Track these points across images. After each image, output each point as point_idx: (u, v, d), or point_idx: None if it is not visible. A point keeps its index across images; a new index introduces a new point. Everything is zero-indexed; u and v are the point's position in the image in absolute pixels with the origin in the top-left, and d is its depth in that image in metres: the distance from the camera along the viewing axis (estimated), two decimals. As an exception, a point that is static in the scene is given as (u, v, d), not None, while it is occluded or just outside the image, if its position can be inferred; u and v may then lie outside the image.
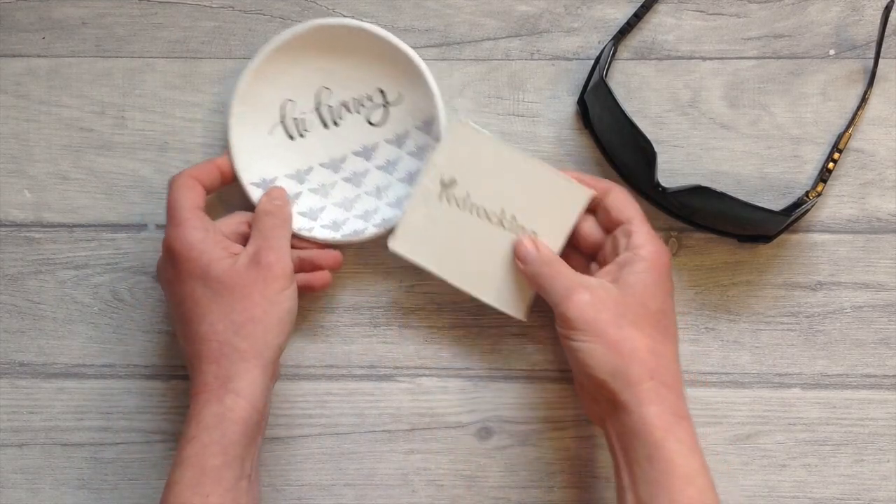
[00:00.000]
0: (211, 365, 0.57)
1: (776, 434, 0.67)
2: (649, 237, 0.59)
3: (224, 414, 0.56)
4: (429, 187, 0.62)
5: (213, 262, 0.59)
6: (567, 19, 0.68)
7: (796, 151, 0.67)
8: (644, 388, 0.56)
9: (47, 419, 0.67)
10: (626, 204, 0.60)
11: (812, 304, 0.67)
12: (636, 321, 0.57)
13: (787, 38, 0.67)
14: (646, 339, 0.56)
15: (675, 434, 0.55)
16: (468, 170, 0.62)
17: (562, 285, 0.58)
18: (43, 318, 0.68)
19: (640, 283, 0.57)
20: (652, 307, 0.57)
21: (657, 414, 0.55)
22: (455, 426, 0.67)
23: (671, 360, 0.57)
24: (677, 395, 0.56)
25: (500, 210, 0.62)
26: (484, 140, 0.62)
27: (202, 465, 0.55)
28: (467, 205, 0.62)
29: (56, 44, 0.68)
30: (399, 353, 0.67)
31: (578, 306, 0.57)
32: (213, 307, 0.58)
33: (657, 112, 0.67)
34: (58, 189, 0.68)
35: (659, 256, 0.58)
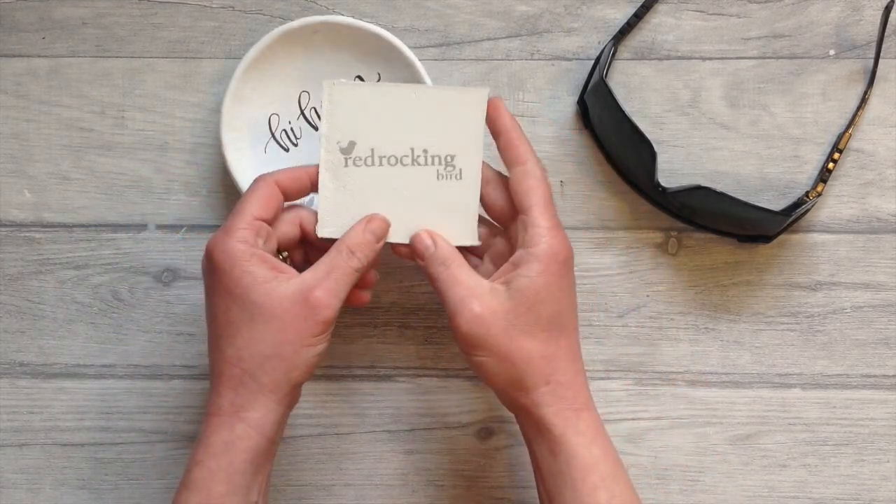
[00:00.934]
0: (229, 391, 0.55)
1: (776, 434, 0.67)
2: (547, 231, 0.56)
3: (233, 442, 0.55)
4: (330, 160, 0.58)
5: (255, 285, 0.55)
6: (567, 19, 0.68)
7: (796, 151, 0.67)
8: (540, 392, 0.56)
9: (47, 419, 0.67)
10: (530, 189, 0.57)
11: (812, 304, 0.67)
12: (528, 329, 0.55)
13: (787, 38, 0.67)
14: (539, 344, 0.56)
15: (575, 427, 0.56)
16: (361, 126, 0.58)
17: (454, 295, 0.56)
18: (43, 318, 0.68)
19: (531, 289, 0.55)
20: (545, 312, 0.56)
21: (555, 412, 0.56)
22: (455, 426, 0.67)
23: (567, 358, 0.57)
24: (576, 390, 0.57)
25: (411, 150, 0.59)
26: (361, 90, 0.59)
27: (208, 490, 0.55)
28: (375, 160, 0.59)
29: (56, 44, 0.68)
30: (399, 353, 0.67)
31: (469, 322, 0.55)
32: (243, 332, 0.55)
33: (657, 112, 0.67)
34: (58, 189, 0.68)
35: (554, 255, 0.56)
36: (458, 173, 0.59)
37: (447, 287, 0.56)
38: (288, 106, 0.67)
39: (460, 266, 0.57)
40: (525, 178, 0.57)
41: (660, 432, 0.67)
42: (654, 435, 0.67)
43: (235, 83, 0.64)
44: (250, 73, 0.65)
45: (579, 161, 0.67)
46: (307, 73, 0.66)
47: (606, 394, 0.67)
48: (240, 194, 0.64)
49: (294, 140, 0.67)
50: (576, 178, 0.67)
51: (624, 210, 0.67)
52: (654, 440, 0.67)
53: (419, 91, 0.59)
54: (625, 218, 0.67)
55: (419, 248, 0.58)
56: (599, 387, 0.67)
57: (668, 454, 0.67)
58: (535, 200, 0.56)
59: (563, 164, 0.67)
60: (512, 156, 0.58)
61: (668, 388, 0.67)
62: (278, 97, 0.66)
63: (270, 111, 0.66)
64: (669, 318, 0.67)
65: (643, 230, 0.67)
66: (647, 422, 0.67)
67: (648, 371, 0.67)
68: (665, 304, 0.67)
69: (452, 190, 0.59)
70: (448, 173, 0.59)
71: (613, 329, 0.67)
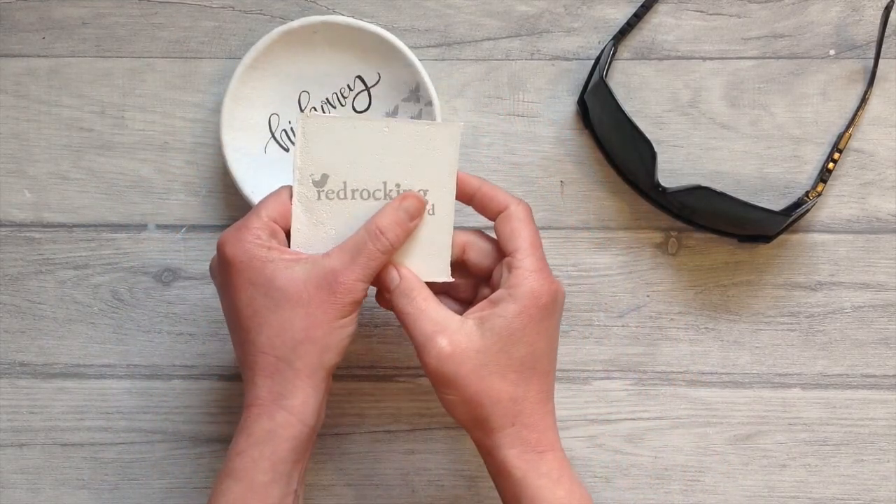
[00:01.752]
0: (266, 379, 0.55)
1: (776, 434, 0.67)
2: (530, 274, 0.55)
3: (275, 430, 0.55)
4: (303, 193, 0.57)
5: (278, 272, 0.54)
6: (567, 19, 0.67)
7: (796, 151, 0.67)
8: (504, 434, 0.55)
9: (47, 419, 0.67)
10: (514, 232, 0.56)
11: (812, 304, 0.67)
12: (498, 370, 0.54)
13: (787, 38, 0.67)
14: (508, 386, 0.55)
15: (537, 469, 0.55)
16: (334, 160, 0.57)
17: (422, 330, 0.55)
18: (43, 318, 0.68)
19: (505, 330, 0.54)
20: (517, 353, 0.55)
21: (517, 455, 0.55)
22: (455, 426, 0.67)
23: (536, 401, 0.56)
24: (541, 432, 0.56)
25: (383, 184, 0.58)
26: (335, 124, 0.58)
27: (251, 479, 0.54)
28: (348, 193, 0.58)
29: (56, 44, 0.68)
30: (399, 353, 0.67)
31: (437, 358, 0.54)
32: (272, 319, 0.55)
33: (657, 112, 0.67)
34: (58, 189, 0.68)
35: (535, 297, 0.55)
36: (430, 208, 0.58)
37: (414, 320, 0.55)
38: (288, 106, 0.67)
39: (427, 299, 0.56)
40: (508, 220, 0.56)
41: (660, 432, 0.67)
42: (655, 435, 0.67)
43: (235, 83, 0.64)
44: (250, 73, 0.65)
45: (579, 161, 0.67)
46: (307, 73, 0.66)
47: (606, 394, 0.67)
48: (240, 194, 0.64)
49: (294, 140, 0.67)
50: (576, 178, 0.67)
51: (624, 210, 0.67)
52: (655, 440, 0.67)
53: (392, 125, 0.58)
54: (625, 218, 0.67)
55: (385, 281, 0.57)
56: (599, 387, 0.67)
57: (669, 454, 0.67)
58: (520, 243, 0.56)
59: (563, 164, 0.67)
60: (492, 206, 0.57)
61: (668, 388, 0.67)
62: (278, 97, 0.66)
63: (270, 111, 0.66)
64: (669, 318, 0.67)
65: (643, 230, 0.67)
66: (648, 422, 0.67)
67: (648, 371, 0.67)
68: (665, 304, 0.67)
69: (425, 225, 0.58)
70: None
71: (613, 329, 0.67)
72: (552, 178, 0.67)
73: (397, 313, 0.57)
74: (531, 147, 0.67)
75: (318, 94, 0.67)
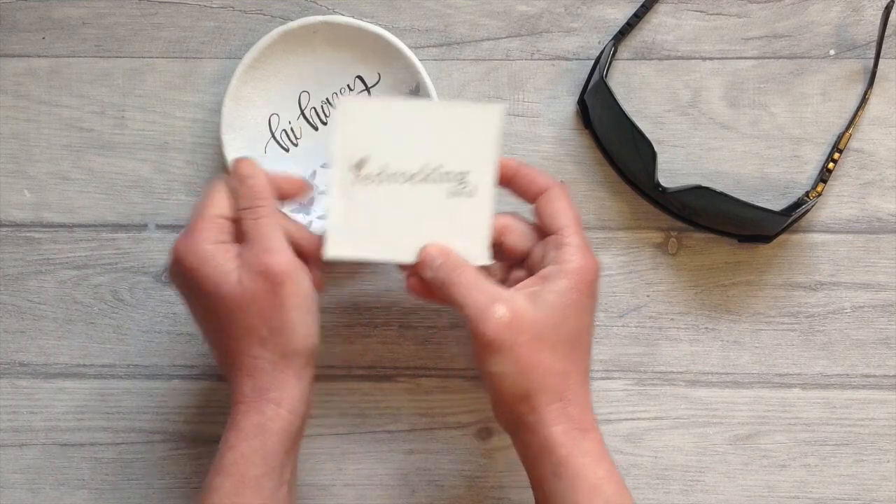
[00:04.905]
0: (247, 378, 0.55)
1: (776, 434, 0.66)
2: (578, 250, 0.56)
3: (264, 424, 0.55)
4: (341, 178, 0.57)
5: (222, 283, 0.55)
6: (567, 19, 0.67)
7: (796, 151, 0.67)
8: (551, 410, 0.55)
9: (47, 419, 0.67)
10: (559, 211, 0.57)
11: (812, 304, 0.67)
12: (551, 343, 0.54)
13: (787, 38, 0.67)
14: (558, 360, 0.55)
15: (580, 447, 0.55)
16: (373, 142, 0.57)
17: (476, 300, 0.54)
18: (43, 318, 0.67)
19: (559, 304, 0.54)
20: (567, 328, 0.55)
21: (562, 432, 0.55)
22: (455, 426, 0.67)
23: (580, 378, 0.56)
24: (583, 410, 0.56)
25: (423, 166, 0.57)
26: (374, 106, 0.57)
27: (242, 474, 0.55)
28: (387, 177, 0.57)
29: (56, 44, 0.68)
30: (399, 353, 0.67)
31: (498, 326, 0.53)
32: (234, 326, 0.55)
33: (657, 112, 0.67)
34: (58, 189, 0.68)
35: (585, 273, 0.55)
36: (471, 190, 0.57)
37: (467, 292, 0.55)
38: (288, 106, 0.67)
39: (475, 272, 0.56)
40: (553, 200, 0.57)
41: (660, 432, 0.67)
42: (655, 435, 0.67)
43: (235, 83, 0.64)
44: (250, 73, 0.65)
45: (579, 161, 0.67)
46: (307, 73, 0.66)
47: (606, 394, 0.67)
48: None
49: (294, 140, 0.67)
50: (576, 178, 0.67)
51: (624, 210, 0.67)
52: (654, 440, 0.67)
53: (432, 106, 0.58)
54: (625, 218, 0.67)
55: (427, 260, 0.57)
56: (599, 387, 0.67)
57: (669, 454, 0.67)
58: (567, 221, 0.56)
59: (563, 164, 0.67)
60: (533, 188, 0.58)
61: (668, 388, 0.67)
62: (278, 97, 0.66)
63: (270, 111, 0.66)
64: (669, 318, 0.67)
65: (643, 230, 0.67)
66: (648, 422, 0.67)
67: (648, 371, 0.67)
68: (665, 304, 0.67)
69: (465, 207, 0.57)
70: (460, 190, 0.57)
71: (613, 329, 0.67)
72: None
73: (444, 286, 0.56)
74: (531, 147, 0.67)
75: (318, 94, 0.66)
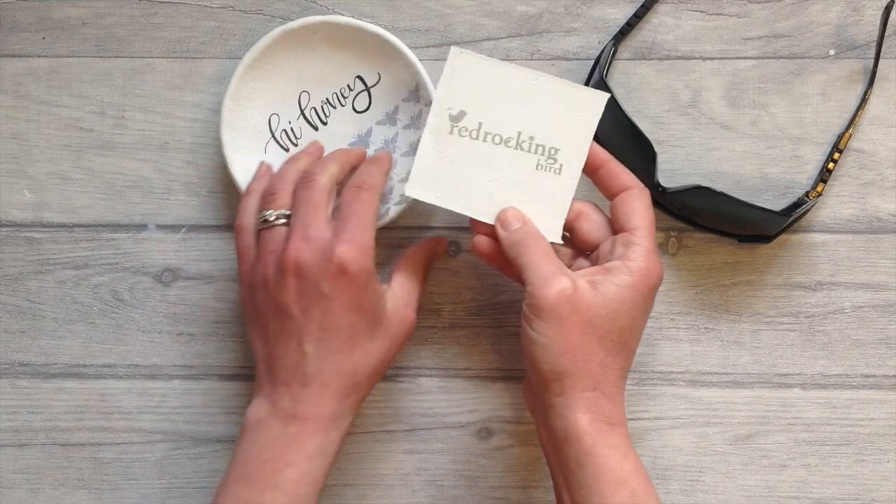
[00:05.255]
0: (333, 401, 0.57)
1: (776, 434, 0.66)
2: (646, 253, 0.56)
3: (326, 448, 0.56)
4: (437, 125, 0.59)
5: (378, 303, 0.58)
6: (567, 19, 0.67)
7: (796, 151, 0.67)
8: (583, 397, 0.55)
9: (47, 419, 0.67)
10: (635, 212, 0.57)
11: (812, 304, 0.67)
12: (601, 333, 0.55)
13: (787, 38, 0.67)
14: (602, 351, 0.55)
15: (606, 440, 0.55)
16: (475, 99, 0.58)
17: (545, 267, 0.55)
18: (43, 318, 0.67)
19: (617, 297, 0.55)
20: (618, 323, 0.56)
21: (590, 421, 0.55)
22: (455, 426, 0.67)
23: (618, 373, 0.57)
24: (615, 405, 0.56)
25: (517, 133, 0.59)
26: (486, 65, 0.59)
27: (297, 492, 0.55)
28: (481, 135, 0.59)
29: (56, 44, 0.68)
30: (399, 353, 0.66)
31: (558, 297, 0.54)
32: (364, 346, 0.58)
33: (657, 112, 0.67)
34: (58, 189, 0.68)
35: (647, 276, 0.56)
36: (558, 168, 0.59)
37: (537, 258, 0.56)
38: (288, 106, 0.66)
39: (549, 246, 0.57)
40: (632, 200, 0.58)
41: (660, 432, 0.67)
42: (654, 435, 0.67)
43: (235, 83, 0.64)
44: (250, 73, 0.65)
45: None
46: (307, 73, 0.66)
47: None
48: (240, 194, 0.64)
49: (294, 140, 0.67)
50: (576, 178, 0.67)
51: None
52: (654, 440, 0.67)
53: (541, 79, 0.58)
54: None
55: (506, 221, 0.58)
56: (599, 387, 0.67)
57: (668, 454, 0.66)
58: (641, 222, 0.57)
59: (563, 164, 0.67)
60: (616, 184, 0.58)
61: (668, 388, 0.67)
62: (278, 97, 0.66)
63: (270, 111, 0.66)
64: (669, 318, 0.67)
65: None
66: (647, 422, 0.67)
67: (648, 371, 0.67)
68: (665, 305, 0.67)
69: (548, 183, 0.59)
70: (548, 165, 0.59)
71: (613, 329, 0.67)
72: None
73: (516, 249, 0.57)
74: (531, 147, 0.67)
75: (318, 94, 0.66)
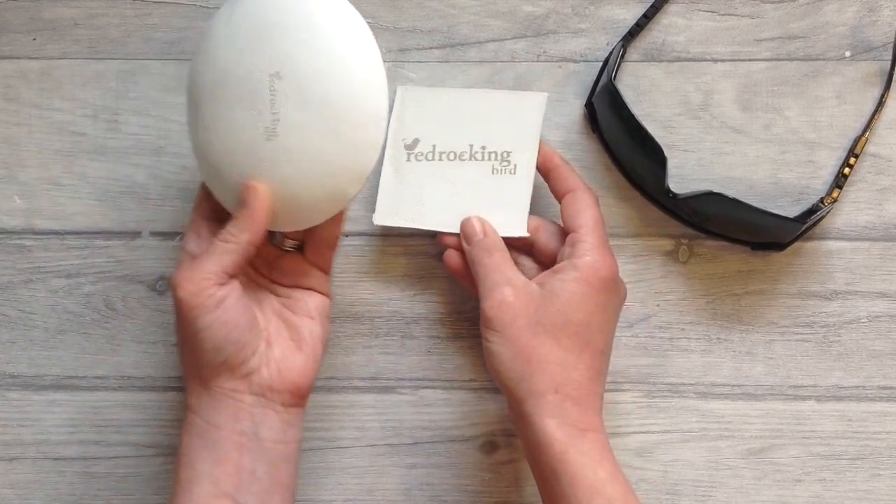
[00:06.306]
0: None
1: (790, 448, 0.65)
2: (594, 247, 0.58)
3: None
4: (394, 155, 0.63)
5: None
6: (574, 20, 0.67)
7: (811, 156, 0.66)
8: (546, 401, 0.55)
9: (38, 433, 0.66)
10: (579, 211, 0.59)
11: (827, 313, 0.66)
12: (553, 330, 0.56)
13: (801, 39, 0.66)
14: (559, 350, 0.56)
15: (578, 447, 0.55)
16: (426, 125, 0.63)
17: (492, 279, 0.58)
18: (34, 328, 0.66)
19: (565, 292, 0.57)
20: (573, 318, 0.56)
21: (557, 426, 0.55)
22: (459, 440, 0.66)
23: (583, 374, 0.56)
24: (584, 408, 0.56)
25: (469, 146, 0.63)
26: (431, 93, 0.64)
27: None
28: (436, 155, 0.63)
29: (47, 45, 0.67)
30: (401, 365, 0.66)
31: (499, 305, 0.57)
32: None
33: (667, 115, 0.66)
34: (49, 195, 0.67)
35: (595, 269, 0.57)
36: (512, 168, 0.62)
37: (486, 273, 0.59)
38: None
39: (504, 257, 0.59)
40: (574, 201, 0.60)
41: (670, 446, 0.66)
42: (665, 449, 0.66)
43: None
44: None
45: (587, 166, 0.66)
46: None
47: (615, 406, 0.65)
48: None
49: None
50: (583, 183, 0.66)
51: (633, 217, 0.66)
52: (664, 454, 0.66)
53: (483, 95, 0.64)
54: (634, 225, 0.66)
55: (468, 232, 0.61)
56: (608, 399, 0.65)
57: (679, 469, 0.66)
58: (584, 220, 0.59)
59: (570, 169, 0.66)
60: (563, 186, 0.61)
61: (679, 401, 0.66)
62: None
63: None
64: (680, 328, 0.66)
65: (653, 238, 0.66)
66: (657, 435, 0.66)
67: (658, 383, 0.66)
68: (675, 314, 0.66)
69: (506, 183, 0.62)
70: (503, 168, 0.63)
71: (622, 340, 0.66)
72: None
73: (472, 263, 0.60)
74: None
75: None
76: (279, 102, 0.53)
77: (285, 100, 0.53)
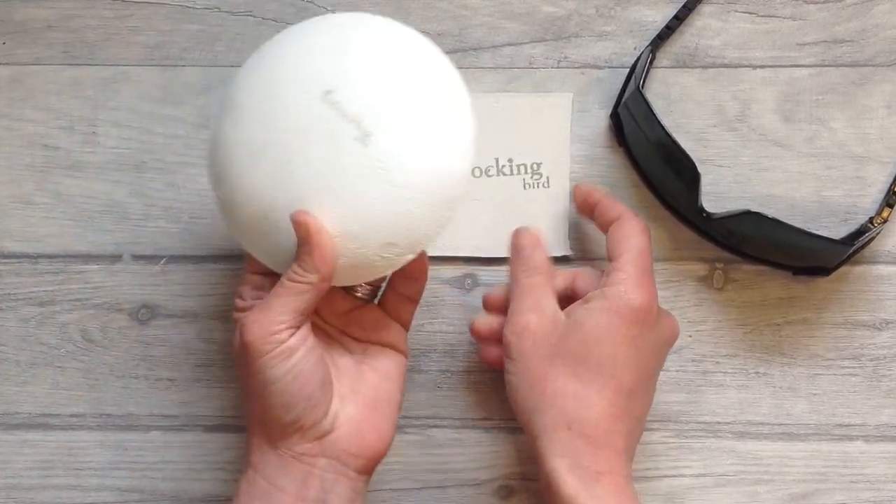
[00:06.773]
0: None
1: (836, 493, 0.63)
2: (629, 277, 0.56)
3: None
4: None
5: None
6: (599, 22, 0.65)
7: (859, 172, 0.64)
8: (558, 437, 0.54)
9: (9, 476, 0.64)
10: (622, 239, 0.58)
11: (877, 345, 0.63)
12: (572, 362, 0.55)
13: (848, 43, 0.65)
14: (576, 383, 0.55)
15: (590, 491, 0.53)
16: None
17: (522, 303, 0.57)
18: (3, 361, 0.64)
19: (590, 323, 0.55)
20: (596, 351, 0.55)
21: (568, 468, 0.53)
22: (471, 484, 0.64)
23: (603, 412, 0.55)
24: (598, 448, 0.54)
25: (494, 160, 0.62)
26: None
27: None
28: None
29: (18, 50, 0.66)
30: (408, 401, 0.63)
31: (521, 332, 0.56)
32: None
33: (701, 127, 0.65)
34: (20, 215, 0.65)
35: (627, 299, 0.55)
36: (545, 181, 0.62)
37: (521, 294, 0.58)
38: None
39: (544, 282, 0.58)
40: (619, 228, 0.58)
41: (704, 491, 0.63)
42: (698, 494, 0.63)
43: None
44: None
45: (612, 182, 0.65)
46: None
47: (643, 447, 0.62)
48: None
49: None
50: (608, 201, 0.66)
51: (663, 239, 0.64)
52: (698, 500, 0.63)
53: (501, 99, 0.63)
54: (664, 248, 0.64)
55: (518, 244, 0.59)
56: (635, 439, 0.64)
57: (714, 516, 0.64)
58: (626, 249, 0.57)
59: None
60: (609, 217, 0.59)
61: (714, 441, 0.63)
62: None
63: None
64: (715, 361, 0.64)
65: (685, 261, 0.64)
66: (690, 479, 0.63)
67: (691, 421, 0.64)
68: (710, 346, 0.64)
69: (540, 199, 0.62)
70: (535, 181, 0.62)
71: (652, 374, 0.64)
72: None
73: (511, 280, 0.59)
74: (557, 166, 0.65)
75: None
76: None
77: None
